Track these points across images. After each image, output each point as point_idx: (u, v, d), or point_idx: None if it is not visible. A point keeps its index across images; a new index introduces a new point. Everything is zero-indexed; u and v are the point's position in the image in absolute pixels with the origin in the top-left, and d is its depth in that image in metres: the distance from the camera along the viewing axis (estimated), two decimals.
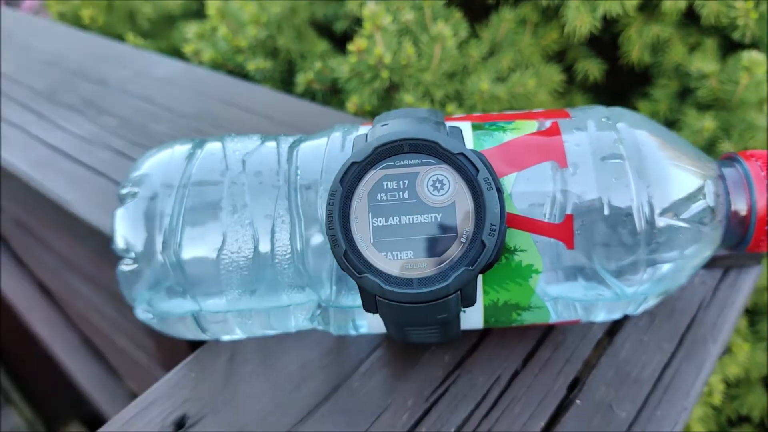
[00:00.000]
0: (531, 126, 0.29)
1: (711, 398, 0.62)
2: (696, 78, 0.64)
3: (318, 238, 0.28)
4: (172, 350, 0.52)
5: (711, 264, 0.37)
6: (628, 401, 0.31)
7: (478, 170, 0.25)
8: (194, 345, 0.44)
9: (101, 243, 0.49)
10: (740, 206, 0.29)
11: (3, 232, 1.02)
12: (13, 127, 0.61)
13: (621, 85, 0.75)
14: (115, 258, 0.49)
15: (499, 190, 0.25)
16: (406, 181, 0.26)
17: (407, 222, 0.25)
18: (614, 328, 0.34)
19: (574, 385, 0.32)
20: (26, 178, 0.54)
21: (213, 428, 0.31)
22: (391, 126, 0.27)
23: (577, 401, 0.31)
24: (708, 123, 0.60)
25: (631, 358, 0.33)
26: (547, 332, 0.34)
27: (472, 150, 0.25)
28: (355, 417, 0.30)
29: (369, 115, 0.65)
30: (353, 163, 0.26)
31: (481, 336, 0.34)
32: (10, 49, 0.80)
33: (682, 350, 0.33)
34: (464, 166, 0.25)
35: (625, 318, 0.35)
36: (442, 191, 0.25)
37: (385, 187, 0.26)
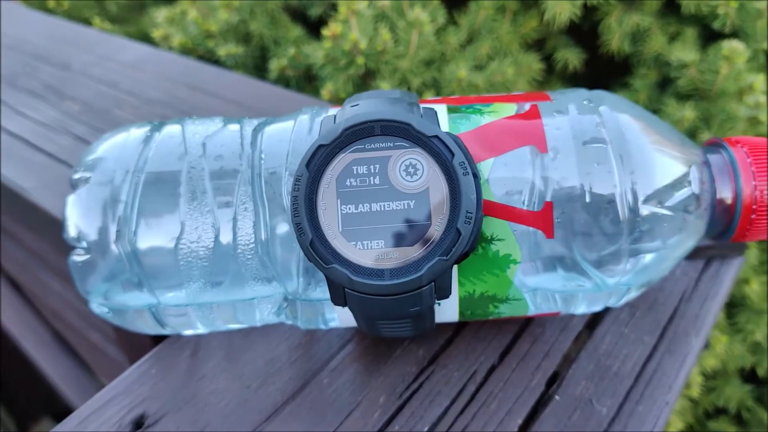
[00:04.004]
0: (510, 109, 0.28)
1: (689, 391, 0.61)
2: (676, 67, 0.63)
3: (284, 227, 0.26)
4: (135, 345, 0.50)
5: (693, 255, 0.37)
6: (608, 396, 0.30)
7: (453, 154, 0.23)
8: (158, 340, 0.43)
9: (61, 233, 0.47)
10: (725, 194, 0.28)
11: None
12: None
13: (601, 74, 0.74)
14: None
15: (476, 176, 0.23)
16: (377, 166, 0.24)
17: (378, 209, 0.24)
18: (594, 320, 0.33)
19: (553, 380, 0.30)
20: None
21: (173, 427, 0.29)
22: (362, 107, 0.25)
23: (557, 397, 0.29)
24: (688, 113, 0.60)
25: (612, 351, 0.32)
26: (525, 325, 0.32)
27: (447, 133, 0.24)
28: (324, 415, 0.29)
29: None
30: (320, 146, 0.24)
31: (456, 329, 0.32)
32: None
33: (664, 343, 0.32)
34: (439, 149, 0.24)
35: (606, 310, 0.33)
36: (416, 176, 0.24)
37: (355, 171, 0.24)
